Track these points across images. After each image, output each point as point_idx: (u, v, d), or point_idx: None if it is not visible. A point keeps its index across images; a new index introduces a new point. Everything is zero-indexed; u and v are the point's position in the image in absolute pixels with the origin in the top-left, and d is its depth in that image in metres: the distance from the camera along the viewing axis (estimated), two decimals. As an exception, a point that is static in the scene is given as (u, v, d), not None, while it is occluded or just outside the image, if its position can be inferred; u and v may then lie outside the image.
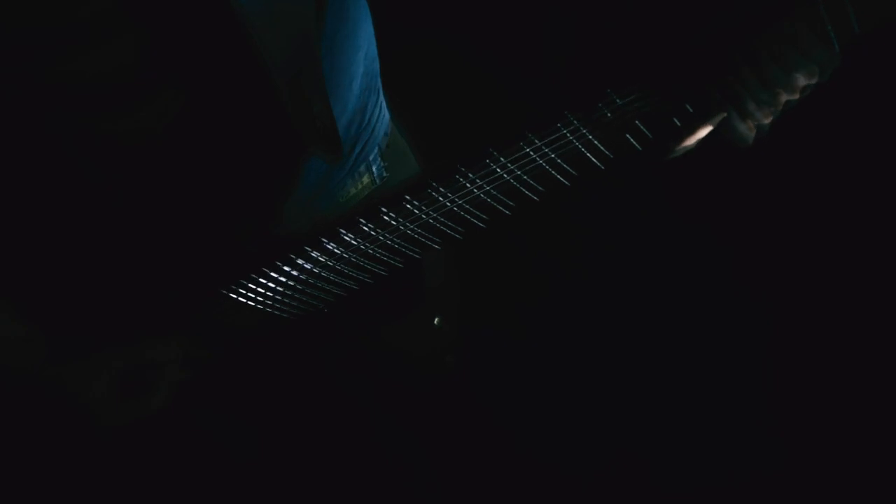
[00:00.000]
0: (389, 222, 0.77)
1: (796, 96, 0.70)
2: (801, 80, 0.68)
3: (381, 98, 0.95)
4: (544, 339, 1.65)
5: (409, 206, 0.76)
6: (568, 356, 1.63)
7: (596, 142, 0.71)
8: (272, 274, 0.82)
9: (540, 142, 0.69)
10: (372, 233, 0.78)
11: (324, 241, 0.80)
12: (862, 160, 1.49)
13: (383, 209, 0.77)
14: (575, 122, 0.68)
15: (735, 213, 1.57)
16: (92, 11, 0.64)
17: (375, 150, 0.94)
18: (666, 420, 1.55)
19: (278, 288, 0.84)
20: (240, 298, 0.84)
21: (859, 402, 1.47)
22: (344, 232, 0.79)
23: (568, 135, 0.69)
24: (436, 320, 1.07)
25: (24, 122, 0.69)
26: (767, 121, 0.72)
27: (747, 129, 0.72)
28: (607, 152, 0.72)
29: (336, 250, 0.80)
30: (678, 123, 0.70)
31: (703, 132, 0.73)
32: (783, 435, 1.49)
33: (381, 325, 1.00)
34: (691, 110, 0.69)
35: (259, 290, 0.84)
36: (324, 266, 0.83)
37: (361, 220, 0.78)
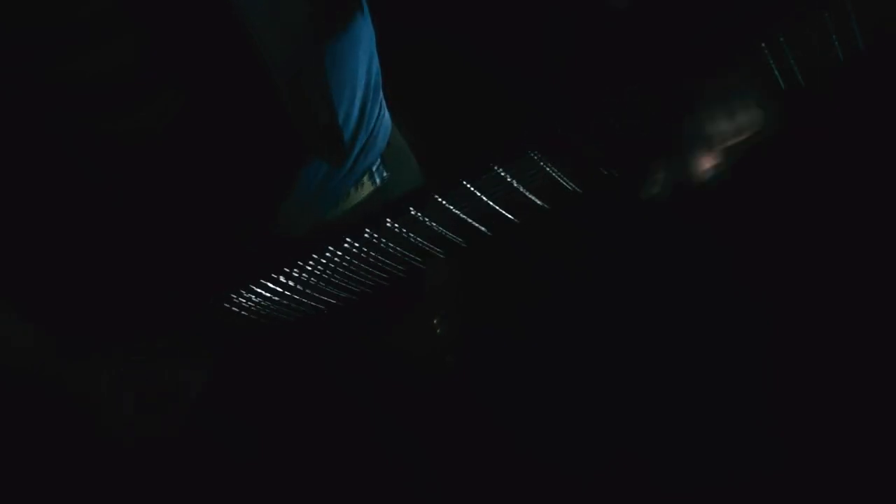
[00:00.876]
0: (392, 231, 0.77)
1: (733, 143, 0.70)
2: (739, 128, 0.68)
3: (382, 100, 0.95)
4: (544, 339, 1.65)
5: (412, 215, 0.75)
6: (568, 356, 1.63)
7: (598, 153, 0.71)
8: (274, 277, 0.82)
9: (541, 156, 0.69)
10: (374, 241, 0.78)
11: (328, 248, 0.79)
12: (862, 160, 1.49)
13: (387, 219, 0.76)
14: (576, 136, 0.68)
15: (735, 213, 1.57)
16: (92, 11, 0.64)
17: (377, 153, 0.94)
18: (666, 420, 1.55)
19: (278, 290, 0.83)
20: (240, 300, 0.84)
21: (859, 402, 1.47)
22: (348, 239, 0.78)
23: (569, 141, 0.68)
24: (436, 321, 1.07)
25: (24, 122, 0.69)
26: (705, 169, 0.72)
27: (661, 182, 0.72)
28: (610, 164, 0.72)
29: (338, 258, 0.80)
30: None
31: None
32: (783, 435, 1.49)
33: (381, 326, 1.00)
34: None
35: (260, 293, 0.83)
36: (325, 272, 0.82)
37: (366, 227, 0.77)
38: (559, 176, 0.72)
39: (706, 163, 0.71)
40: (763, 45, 0.58)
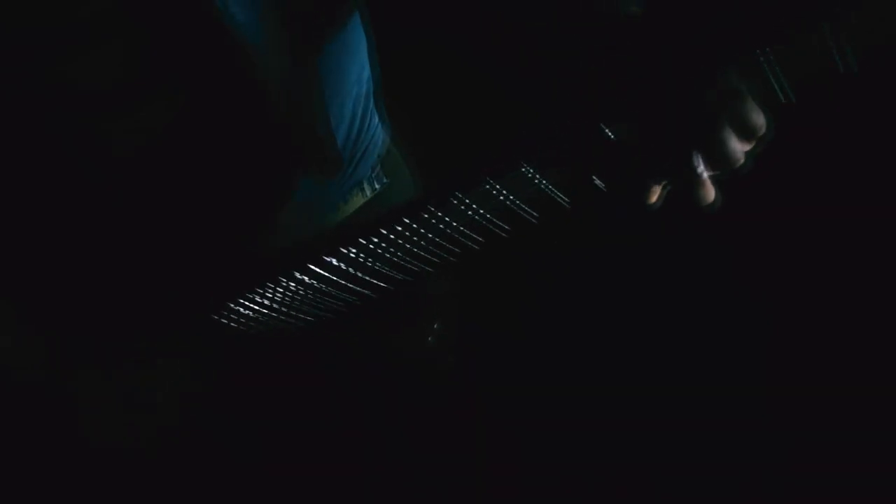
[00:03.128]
0: (390, 240, 0.76)
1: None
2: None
3: (378, 108, 0.95)
4: (545, 339, 1.65)
5: (408, 225, 0.75)
6: (568, 356, 1.63)
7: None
8: (270, 286, 0.81)
9: (536, 168, 0.69)
10: (371, 251, 0.78)
11: (325, 258, 0.79)
12: (861, 160, 1.49)
13: (383, 228, 0.75)
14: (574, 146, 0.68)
15: (735, 213, 1.57)
16: (92, 11, 0.64)
17: (372, 162, 0.94)
18: (666, 421, 1.55)
19: (274, 300, 0.83)
20: (236, 309, 0.84)
21: (859, 402, 1.47)
22: (345, 249, 0.78)
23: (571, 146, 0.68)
24: (436, 322, 1.07)
25: (24, 122, 0.70)
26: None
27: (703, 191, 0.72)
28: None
29: (335, 269, 0.79)
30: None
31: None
32: (783, 435, 1.49)
33: (382, 327, 1.00)
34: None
35: (256, 302, 0.83)
36: (322, 284, 0.82)
37: (362, 237, 0.77)
38: (551, 191, 0.72)
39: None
40: (761, 56, 0.58)
